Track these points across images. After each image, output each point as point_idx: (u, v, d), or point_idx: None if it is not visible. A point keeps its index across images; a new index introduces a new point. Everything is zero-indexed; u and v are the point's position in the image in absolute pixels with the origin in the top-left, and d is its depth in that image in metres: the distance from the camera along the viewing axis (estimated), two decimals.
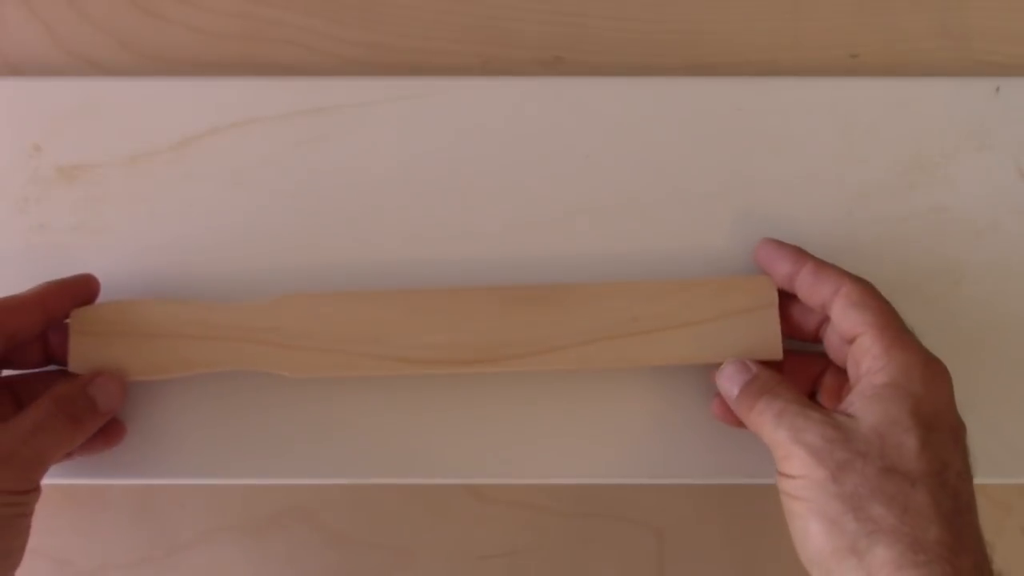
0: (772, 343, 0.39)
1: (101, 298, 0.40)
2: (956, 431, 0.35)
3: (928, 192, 0.42)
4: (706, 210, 0.42)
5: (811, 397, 0.40)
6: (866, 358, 0.36)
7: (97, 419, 0.38)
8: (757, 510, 0.43)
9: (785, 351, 0.39)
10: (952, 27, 0.45)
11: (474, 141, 0.43)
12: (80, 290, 0.39)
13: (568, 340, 0.39)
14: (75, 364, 0.39)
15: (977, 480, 0.34)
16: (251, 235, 0.42)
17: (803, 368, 0.40)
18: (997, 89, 0.43)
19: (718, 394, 0.39)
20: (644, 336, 0.39)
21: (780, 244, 0.40)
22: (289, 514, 0.43)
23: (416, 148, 0.43)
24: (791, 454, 0.35)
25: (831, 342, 0.39)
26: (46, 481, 0.36)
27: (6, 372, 0.39)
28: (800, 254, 0.39)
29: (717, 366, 0.39)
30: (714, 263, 0.42)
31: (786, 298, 0.40)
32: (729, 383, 0.38)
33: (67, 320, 0.39)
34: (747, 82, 0.43)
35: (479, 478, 0.42)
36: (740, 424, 0.38)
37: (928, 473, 0.33)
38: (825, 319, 0.39)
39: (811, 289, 0.38)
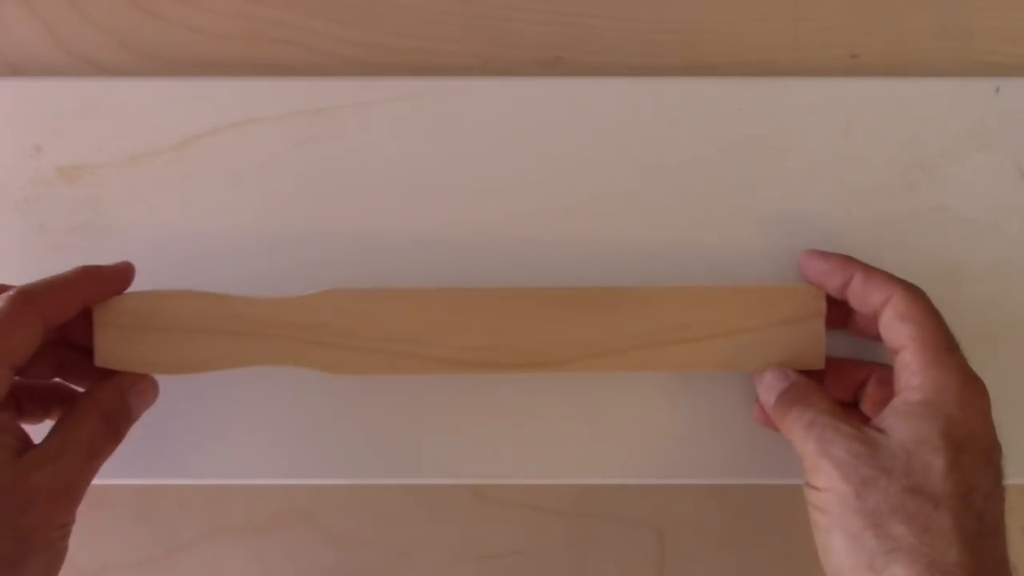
0: (815, 353, 0.39)
1: None
2: (989, 453, 0.34)
3: (928, 192, 0.42)
4: (706, 210, 0.42)
5: (854, 405, 0.40)
6: (904, 373, 0.35)
7: (129, 427, 0.37)
8: (757, 510, 0.43)
9: (830, 357, 0.39)
10: (952, 27, 0.45)
11: (474, 141, 0.43)
12: (117, 281, 0.38)
13: (616, 345, 0.39)
14: (102, 359, 0.38)
15: None
16: (251, 236, 0.42)
17: (848, 374, 0.40)
18: (997, 89, 0.43)
19: (759, 399, 0.39)
20: (692, 344, 0.39)
21: (824, 256, 0.39)
22: (289, 514, 0.43)
23: (416, 148, 0.43)
24: (818, 466, 0.34)
25: None
26: None
27: None
28: (847, 264, 0.38)
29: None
30: (714, 263, 0.42)
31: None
32: (767, 392, 0.38)
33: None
34: (747, 82, 0.43)
35: (479, 478, 0.42)
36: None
37: (953, 495, 0.32)
38: None
39: (861, 300, 0.38)
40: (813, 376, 0.38)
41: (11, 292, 0.35)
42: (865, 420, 0.36)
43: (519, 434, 0.42)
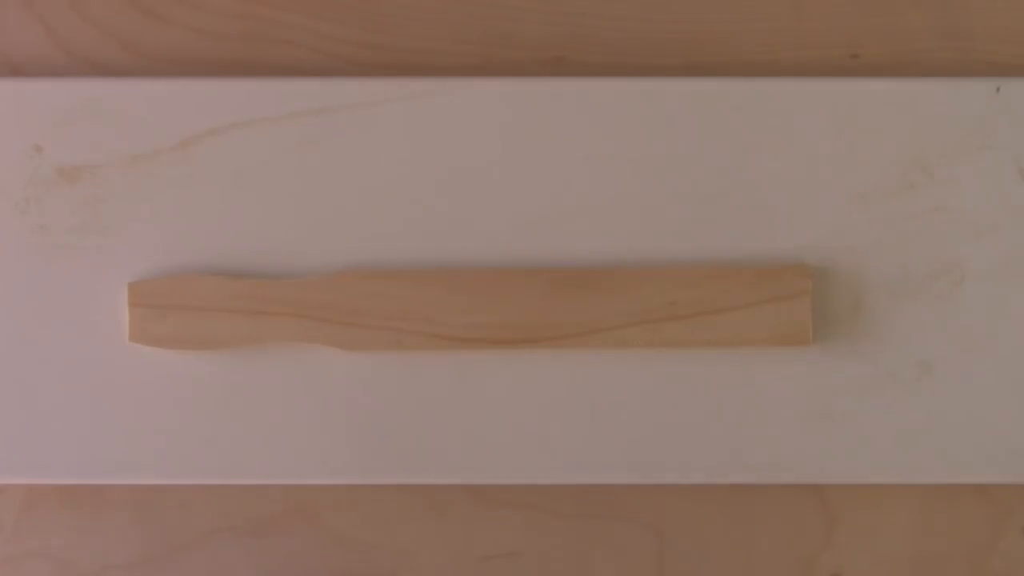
0: (803, 330, 0.40)
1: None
2: None
3: (928, 192, 0.42)
4: (706, 210, 0.42)
5: None
6: None
7: None
8: (757, 510, 0.43)
9: None
10: (952, 27, 0.45)
11: (474, 142, 0.43)
12: None
13: (608, 323, 0.40)
14: (134, 336, 0.40)
15: (977, 480, 0.34)
16: (252, 236, 0.42)
17: None
18: (997, 89, 0.43)
19: None
20: (681, 320, 0.40)
21: None
22: (290, 514, 0.43)
23: (416, 149, 0.43)
24: None
25: None
26: (46, 481, 0.36)
27: None
28: None
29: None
30: (714, 263, 0.42)
31: None
32: None
33: None
34: (747, 82, 0.43)
35: (479, 478, 0.42)
36: None
37: None
38: None
39: None
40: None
41: None
42: None
43: (519, 434, 0.42)
